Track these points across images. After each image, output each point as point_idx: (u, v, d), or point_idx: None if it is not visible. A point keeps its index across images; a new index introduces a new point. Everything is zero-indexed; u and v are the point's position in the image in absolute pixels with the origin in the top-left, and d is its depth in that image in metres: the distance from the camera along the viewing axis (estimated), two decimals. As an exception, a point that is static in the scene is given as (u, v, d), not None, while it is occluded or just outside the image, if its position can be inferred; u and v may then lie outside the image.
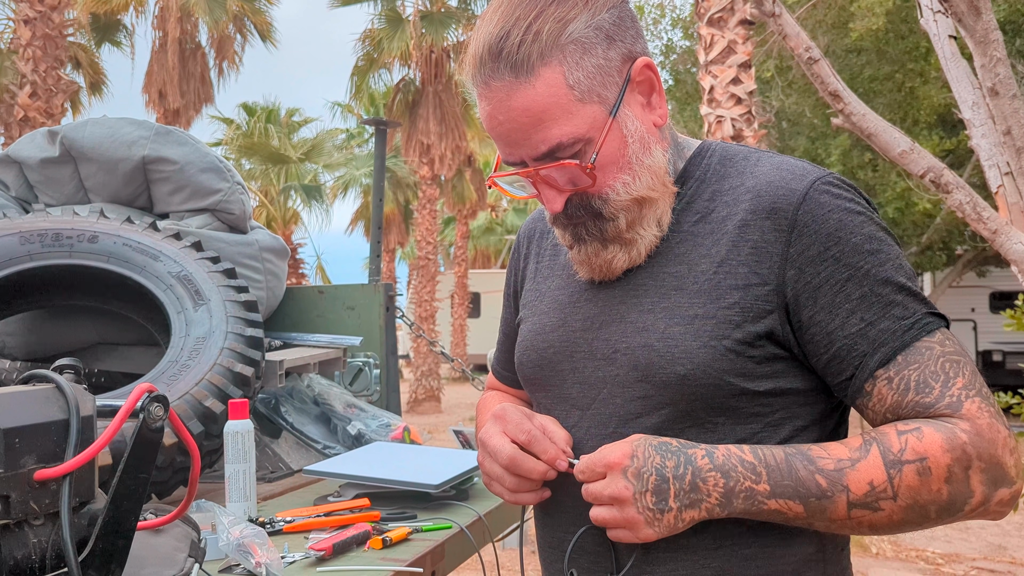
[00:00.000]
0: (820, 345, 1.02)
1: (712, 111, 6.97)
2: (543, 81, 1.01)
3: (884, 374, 1.00)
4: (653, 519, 0.98)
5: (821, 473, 0.98)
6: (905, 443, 0.96)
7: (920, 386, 0.99)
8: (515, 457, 1.08)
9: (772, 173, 1.08)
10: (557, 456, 1.08)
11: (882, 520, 0.98)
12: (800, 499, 0.97)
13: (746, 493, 0.98)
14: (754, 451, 1.00)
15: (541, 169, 1.05)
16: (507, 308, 1.37)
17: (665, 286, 1.08)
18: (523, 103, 1.01)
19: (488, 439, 1.12)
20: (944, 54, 3.48)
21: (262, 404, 2.32)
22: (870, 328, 1.00)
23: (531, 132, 1.03)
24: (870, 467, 0.97)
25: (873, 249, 1.02)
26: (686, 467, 0.99)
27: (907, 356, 0.99)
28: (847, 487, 0.97)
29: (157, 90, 17.07)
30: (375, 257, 2.99)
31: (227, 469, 1.61)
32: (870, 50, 11.83)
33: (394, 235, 24.44)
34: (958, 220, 11.53)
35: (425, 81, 16.83)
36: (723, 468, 0.99)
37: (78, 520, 0.94)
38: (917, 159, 3.10)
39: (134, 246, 2.08)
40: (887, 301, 1.01)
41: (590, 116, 1.03)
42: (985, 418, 0.97)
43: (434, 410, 16.72)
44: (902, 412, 1.00)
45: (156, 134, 2.43)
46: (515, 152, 1.06)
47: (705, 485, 0.98)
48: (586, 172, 1.04)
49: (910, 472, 0.96)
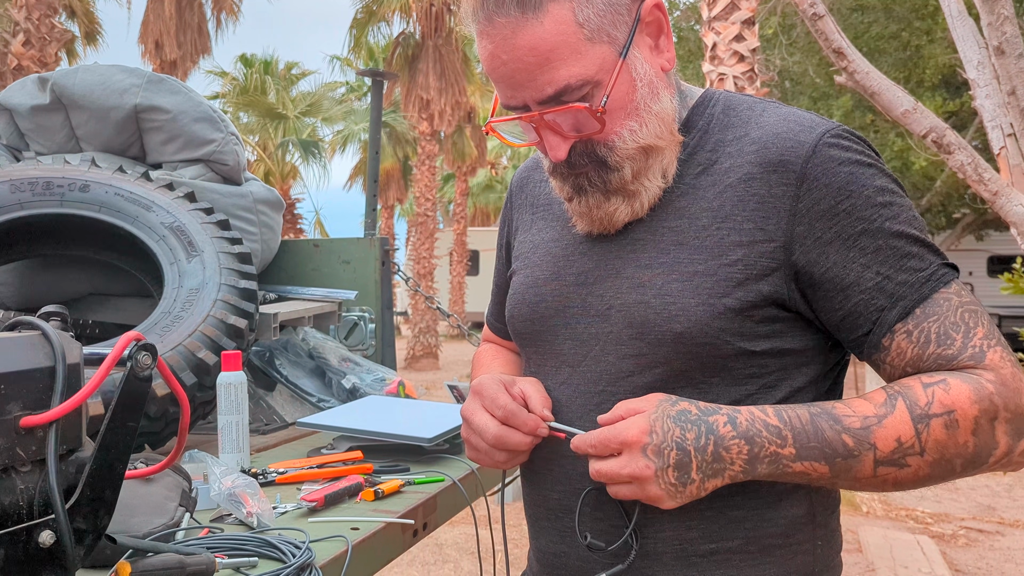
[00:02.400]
0: (835, 301, 1.00)
1: (714, 68, 6.89)
2: (551, 18, 0.96)
3: (903, 328, 0.97)
4: (676, 493, 0.95)
5: (848, 432, 0.95)
6: (932, 396, 0.94)
7: (941, 338, 0.96)
8: (500, 435, 1.06)
9: (779, 124, 1.04)
10: (537, 426, 1.06)
11: (907, 476, 0.95)
12: (826, 460, 0.95)
13: (771, 458, 0.95)
14: (778, 413, 0.96)
15: (546, 113, 1.00)
16: (500, 260, 1.35)
17: (664, 241, 1.05)
18: (529, 41, 0.96)
19: (471, 416, 1.10)
20: (951, 12, 3.42)
21: (257, 357, 2.32)
22: (887, 281, 0.98)
23: (537, 73, 0.98)
24: (897, 423, 0.94)
25: (886, 202, 0.99)
26: (707, 437, 0.95)
27: (926, 308, 0.97)
28: (874, 445, 0.94)
29: (153, 40, 16.87)
30: (371, 211, 2.96)
31: (220, 420, 1.61)
32: (877, 7, 11.68)
33: (393, 191, 24.32)
34: (957, 183, 11.48)
35: (425, 35, 16.62)
36: (747, 435, 0.95)
37: (65, 468, 0.93)
38: (920, 119, 3.07)
39: (126, 196, 2.06)
40: (903, 253, 0.98)
41: (599, 57, 0.99)
42: (1008, 368, 0.95)
43: (432, 367, 16.81)
44: (923, 365, 0.97)
45: (148, 82, 2.39)
46: (518, 95, 1.01)
47: (728, 454, 0.95)
48: (596, 116, 0.99)
49: (938, 426, 0.93)
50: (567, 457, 1.07)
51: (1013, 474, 3.72)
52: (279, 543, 1.18)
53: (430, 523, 1.53)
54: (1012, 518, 6.20)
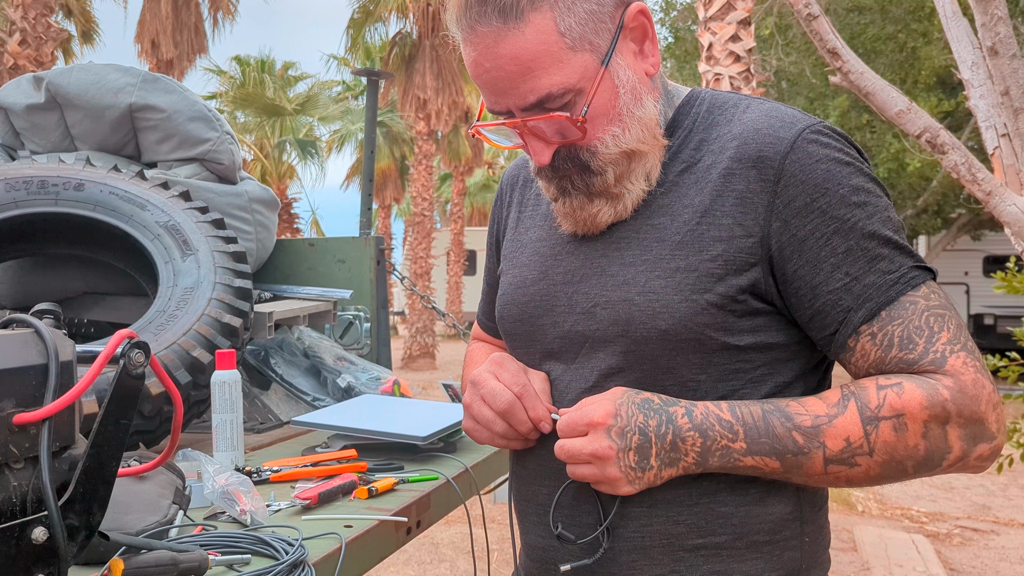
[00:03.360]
0: (804, 299, 1.01)
1: (710, 68, 6.90)
2: (533, 27, 0.97)
3: (868, 330, 0.98)
4: (634, 477, 0.99)
5: (798, 430, 0.97)
6: (883, 399, 0.96)
7: (904, 342, 0.97)
8: (513, 405, 1.07)
9: (760, 120, 1.04)
10: (544, 418, 1.07)
11: (858, 475, 0.98)
12: (776, 455, 0.97)
13: (722, 451, 0.98)
14: (732, 409, 0.99)
15: (529, 120, 1.01)
16: (490, 258, 1.35)
17: (647, 238, 1.06)
18: (511, 50, 0.97)
19: (484, 382, 1.10)
20: (945, 12, 3.43)
21: (252, 356, 2.32)
22: (855, 283, 0.98)
23: (519, 81, 0.99)
24: (847, 423, 0.96)
25: (860, 201, 1.00)
26: (667, 426, 0.98)
27: (891, 311, 0.98)
28: (824, 444, 0.96)
29: (150, 40, 16.85)
30: (366, 210, 2.97)
31: (214, 419, 1.62)
32: (873, 9, 11.71)
33: (390, 191, 24.32)
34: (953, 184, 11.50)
35: (422, 35, 16.64)
36: (701, 427, 0.98)
37: (58, 465, 0.94)
38: (914, 119, 3.08)
39: (121, 195, 2.06)
40: (873, 255, 0.99)
41: (581, 65, 0.99)
42: (970, 373, 0.96)
43: (429, 366, 16.82)
44: (885, 368, 0.98)
45: (143, 81, 2.39)
46: (501, 101, 1.02)
47: (684, 444, 0.98)
48: (576, 125, 1.01)
49: (886, 428, 0.95)
50: (552, 451, 1.08)
51: (1008, 473, 3.74)
52: (272, 540, 1.18)
53: (423, 521, 1.53)
54: (1007, 517, 6.22)
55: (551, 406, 1.09)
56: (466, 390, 1.15)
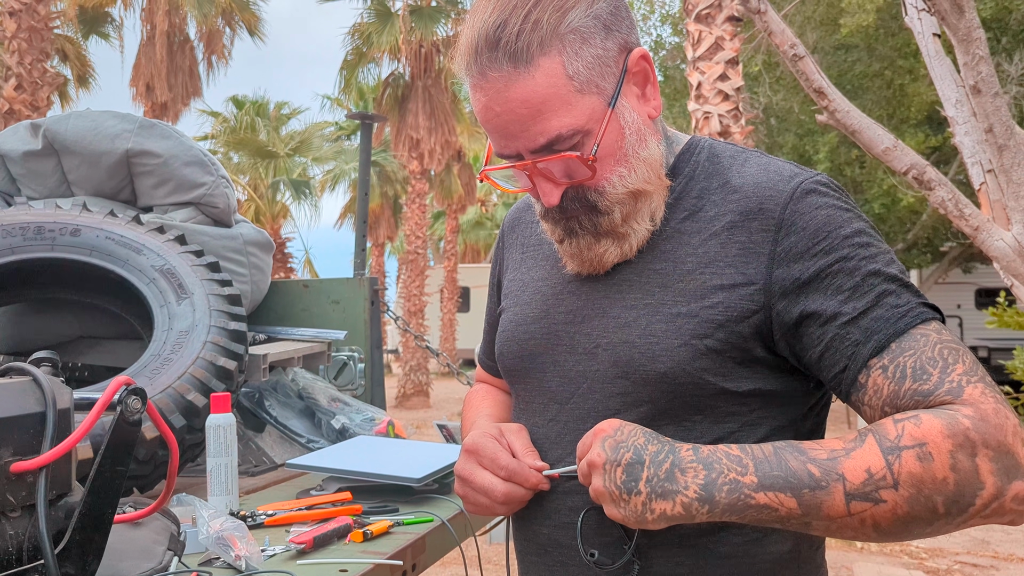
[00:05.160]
0: (813, 338, 1.00)
1: (700, 107, 6.99)
2: (543, 71, 0.99)
3: (878, 363, 0.95)
4: (619, 498, 0.95)
5: (814, 463, 0.91)
6: (902, 430, 0.90)
7: (917, 372, 0.93)
8: (508, 492, 1.09)
9: (760, 174, 1.07)
10: (539, 482, 1.09)
11: (885, 514, 0.89)
12: (792, 491, 0.90)
13: (731, 485, 0.92)
14: (741, 447, 0.96)
15: (539, 162, 1.03)
16: (491, 298, 1.37)
17: (650, 283, 1.07)
18: (522, 94, 0.99)
19: (472, 477, 1.11)
20: (928, 52, 3.50)
21: (246, 398, 2.32)
22: (862, 317, 0.97)
23: (529, 124, 1.01)
24: (866, 454, 0.90)
25: (863, 242, 1.01)
26: (668, 455, 0.95)
27: (901, 343, 0.95)
28: (843, 475, 0.90)
29: (145, 83, 17.00)
30: (360, 251, 2.99)
31: (209, 463, 1.61)
32: (860, 47, 11.89)
33: (383, 229, 24.39)
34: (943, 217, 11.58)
35: (414, 75, 16.81)
36: (706, 461, 0.94)
37: (55, 513, 0.94)
38: (900, 156, 3.12)
39: (117, 239, 2.08)
40: (880, 291, 0.98)
41: (589, 107, 1.02)
42: (991, 403, 0.90)
43: (422, 405, 16.72)
44: (900, 403, 0.94)
45: (140, 127, 2.42)
46: (511, 144, 1.04)
47: (684, 476, 0.93)
48: (587, 164, 1.03)
49: (910, 457, 0.88)
50: (554, 492, 1.10)
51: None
52: (267, 586, 1.18)
53: (419, 564, 1.53)
54: (1007, 552, 6.18)
55: (538, 464, 1.10)
56: (456, 482, 1.15)
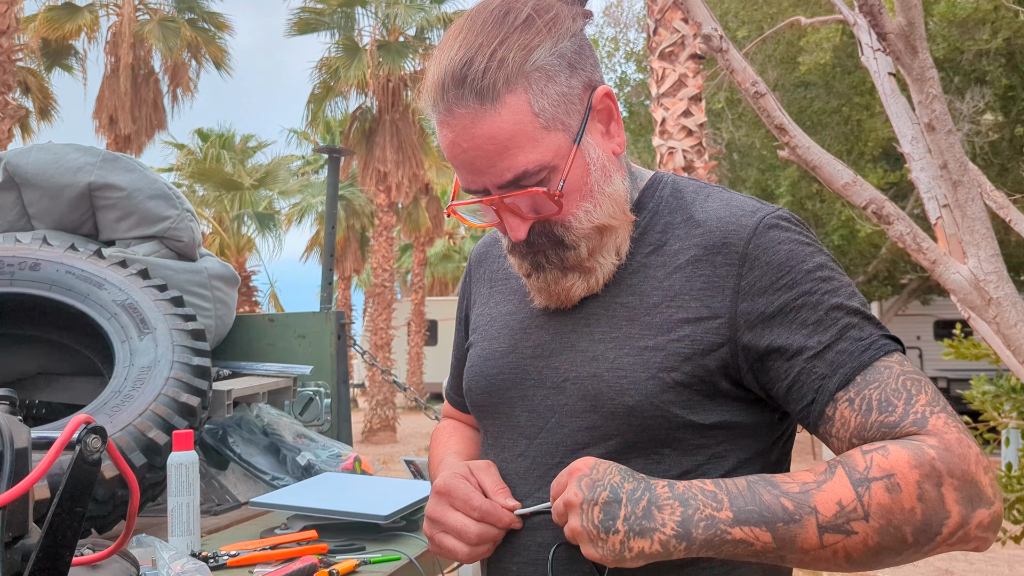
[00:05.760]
0: (780, 372, 1.01)
1: (664, 142, 7.09)
2: (509, 108, 1.00)
3: (844, 396, 0.98)
4: (596, 537, 0.95)
5: (787, 496, 0.93)
6: (871, 461, 0.93)
7: (883, 405, 0.96)
8: (482, 534, 1.08)
9: (722, 209, 1.09)
10: (512, 522, 1.08)
11: (857, 546, 0.91)
12: (767, 525, 0.92)
13: (707, 521, 0.93)
14: (715, 482, 0.97)
15: (506, 197, 1.04)
16: (459, 333, 1.37)
17: (617, 316, 1.08)
18: (488, 130, 1.00)
19: (444, 518, 1.10)
20: (884, 90, 3.59)
21: (209, 435, 2.29)
22: (827, 351, 0.99)
23: (496, 160, 1.02)
24: (837, 486, 0.93)
25: (825, 276, 1.03)
26: (644, 492, 0.96)
27: (866, 376, 0.98)
28: (815, 508, 0.92)
29: (108, 116, 16.84)
30: (327, 285, 2.97)
31: (170, 502, 1.58)
32: (818, 84, 12.17)
33: (350, 262, 24.29)
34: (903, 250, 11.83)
35: (382, 109, 16.88)
36: (682, 497, 0.95)
37: (11, 556, 0.91)
38: (860, 191, 3.19)
39: (77, 274, 2.05)
40: (843, 324, 1.00)
41: (555, 144, 1.03)
42: (954, 433, 0.93)
43: (389, 440, 16.56)
44: (867, 435, 0.96)
45: (103, 160, 2.40)
46: (478, 180, 1.05)
47: (660, 514, 0.94)
48: (553, 200, 1.04)
49: (879, 489, 0.91)
50: (523, 528, 1.09)
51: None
52: (230, 629, 1.15)
53: (386, 603, 1.50)
54: (970, 581, 6.23)
55: (511, 503, 1.09)
56: (425, 524, 1.14)
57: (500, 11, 1.04)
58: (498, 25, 1.02)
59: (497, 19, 1.03)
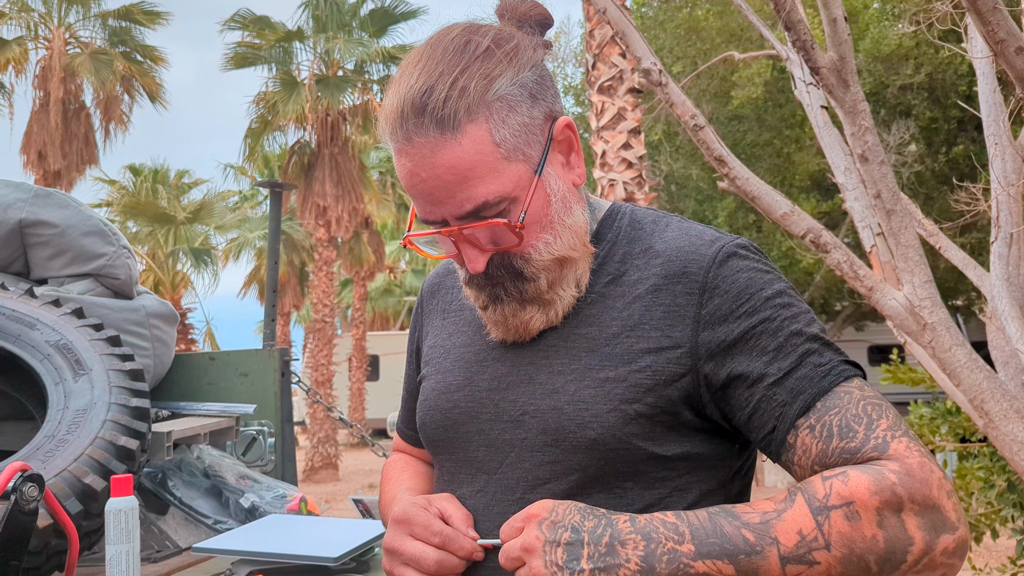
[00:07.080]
0: (741, 400, 1.01)
1: (605, 175, 7.19)
2: (469, 138, 0.99)
3: (805, 423, 0.97)
4: None
5: (748, 527, 0.92)
6: (830, 488, 0.92)
7: (843, 431, 0.95)
8: (441, 561, 1.03)
9: (681, 239, 1.09)
10: (473, 550, 1.04)
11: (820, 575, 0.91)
12: (729, 558, 0.91)
13: (669, 555, 0.92)
14: (676, 514, 0.96)
15: (465, 228, 1.02)
16: (410, 365, 1.34)
17: (576, 348, 1.07)
18: (448, 160, 0.99)
19: (401, 547, 1.05)
20: (817, 123, 3.70)
21: (148, 479, 2.20)
22: (787, 377, 0.99)
23: (456, 190, 1.00)
24: (797, 515, 0.92)
25: (785, 303, 1.03)
26: (605, 529, 0.95)
27: (826, 402, 0.97)
28: (776, 539, 0.91)
29: (36, 151, 16.40)
30: (270, 321, 2.91)
31: (108, 550, 1.51)
32: (750, 118, 12.52)
33: (289, 298, 23.94)
34: (836, 278, 12.16)
35: (321, 144, 16.77)
36: (644, 531, 0.94)
37: (-63, 616, 0.86)
38: (798, 220, 3.26)
39: (8, 314, 1.97)
40: (803, 351, 1.00)
41: (515, 175, 1.02)
42: (915, 457, 0.93)
43: (332, 478, 16.24)
44: (829, 461, 0.96)
45: (35, 196, 2.32)
46: (437, 210, 1.03)
47: (624, 549, 0.93)
48: (514, 231, 1.02)
49: (838, 517, 0.90)
50: (484, 565, 1.05)
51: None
52: None
53: (338, 649, 1.46)
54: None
55: (472, 533, 1.06)
56: (384, 559, 1.09)
57: (461, 40, 1.03)
58: (459, 54, 1.01)
59: (458, 48, 1.02)
